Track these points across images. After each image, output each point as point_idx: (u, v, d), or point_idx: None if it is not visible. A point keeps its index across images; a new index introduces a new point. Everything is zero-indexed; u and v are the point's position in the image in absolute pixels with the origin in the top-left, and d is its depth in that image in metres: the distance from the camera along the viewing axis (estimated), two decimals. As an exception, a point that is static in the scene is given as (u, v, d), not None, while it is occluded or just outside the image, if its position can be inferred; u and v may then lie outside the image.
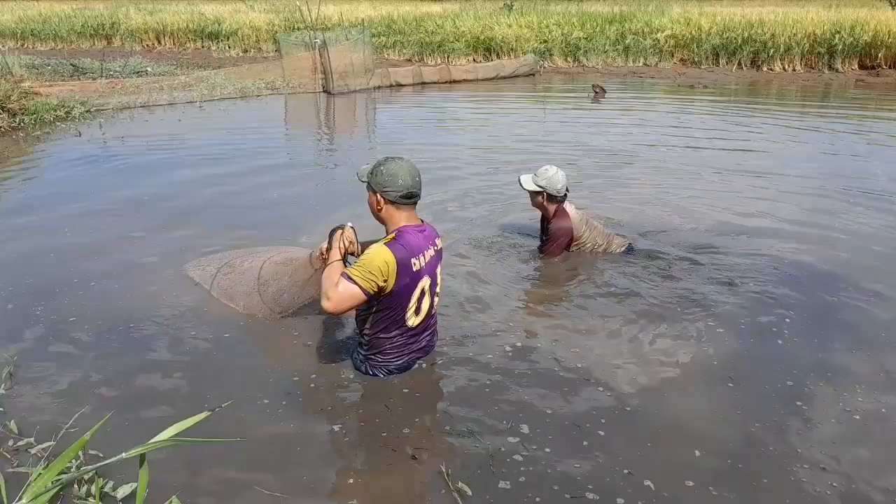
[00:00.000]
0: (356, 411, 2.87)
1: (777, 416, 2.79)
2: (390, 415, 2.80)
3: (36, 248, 4.70)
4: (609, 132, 9.14)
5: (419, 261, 2.81)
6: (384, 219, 2.90)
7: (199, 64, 17.89)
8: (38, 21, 24.45)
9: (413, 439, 2.65)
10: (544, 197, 4.33)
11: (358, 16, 22.07)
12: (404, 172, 2.81)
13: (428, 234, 2.94)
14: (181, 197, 6.06)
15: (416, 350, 3.04)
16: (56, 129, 9.26)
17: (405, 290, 2.81)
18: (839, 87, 14.50)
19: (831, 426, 2.74)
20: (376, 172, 2.84)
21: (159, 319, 3.63)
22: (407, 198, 2.83)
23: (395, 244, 2.77)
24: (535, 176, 4.33)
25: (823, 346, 3.37)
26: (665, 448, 2.60)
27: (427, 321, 3.03)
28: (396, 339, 2.95)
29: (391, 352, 2.97)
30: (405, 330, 2.94)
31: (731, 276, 4.18)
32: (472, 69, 15.95)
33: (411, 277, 2.80)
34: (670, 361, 3.22)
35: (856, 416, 2.80)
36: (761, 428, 2.71)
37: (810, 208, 5.62)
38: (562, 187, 4.29)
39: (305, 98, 12.94)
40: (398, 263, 2.72)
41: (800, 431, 2.69)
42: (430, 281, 2.92)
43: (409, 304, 2.87)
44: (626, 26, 19.00)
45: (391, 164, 2.84)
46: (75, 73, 15.18)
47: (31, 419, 2.73)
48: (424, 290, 2.91)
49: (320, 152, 8.65)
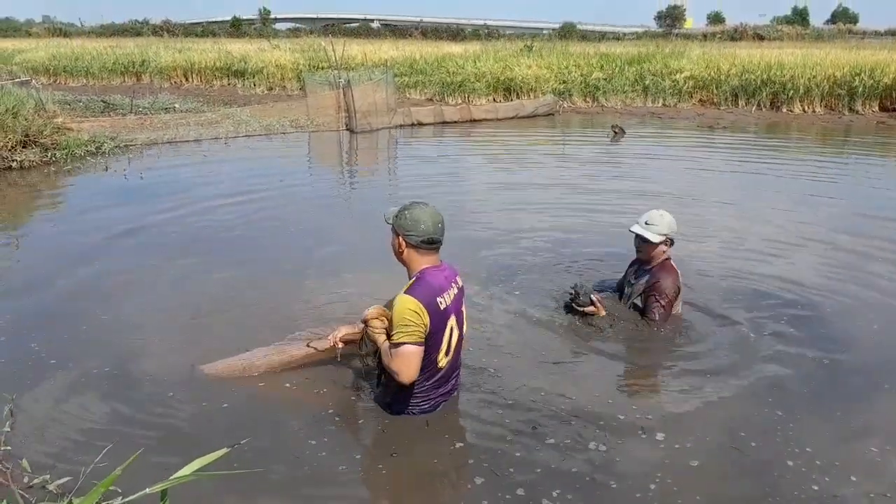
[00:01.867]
0: (376, 445, 2.89)
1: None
2: (412, 451, 2.82)
3: (47, 281, 4.82)
4: (626, 173, 9.20)
5: (444, 299, 2.84)
6: (405, 261, 2.94)
7: (225, 101, 18.32)
8: (70, 58, 25.31)
9: (434, 476, 2.67)
10: (668, 244, 3.98)
11: (381, 56, 22.55)
12: (427, 218, 2.85)
13: (448, 273, 2.97)
14: (201, 231, 6.18)
15: (442, 394, 3.06)
16: (86, 163, 9.51)
17: (437, 330, 2.84)
18: (860, 129, 14.48)
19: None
20: (401, 216, 2.89)
21: (173, 357, 3.67)
22: (428, 243, 2.87)
23: (414, 289, 2.80)
24: (649, 225, 3.94)
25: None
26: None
27: (454, 362, 3.06)
28: (429, 380, 2.95)
29: (419, 395, 2.98)
30: (435, 372, 2.95)
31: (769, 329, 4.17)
32: (492, 109, 16.15)
33: (440, 317, 2.83)
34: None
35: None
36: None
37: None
38: (676, 228, 4.00)
39: (329, 136, 13.17)
40: (425, 305, 2.75)
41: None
42: (456, 320, 2.95)
43: (442, 344, 2.89)
44: (645, 67, 19.19)
45: (415, 209, 2.88)
46: (106, 110, 15.61)
47: (42, 457, 2.75)
48: (453, 329, 2.93)
49: (342, 188, 8.79)
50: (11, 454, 2.76)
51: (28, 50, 28.53)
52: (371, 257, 4.88)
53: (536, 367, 3.59)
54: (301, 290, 4.66)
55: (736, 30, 45.20)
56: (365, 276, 4.82)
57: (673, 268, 3.98)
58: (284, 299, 4.50)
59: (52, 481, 2.56)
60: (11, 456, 2.75)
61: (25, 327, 4.03)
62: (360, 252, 5.41)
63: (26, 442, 2.88)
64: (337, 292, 4.58)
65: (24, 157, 9.17)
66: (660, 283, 3.92)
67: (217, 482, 2.52)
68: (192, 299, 4.51)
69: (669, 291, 3.91)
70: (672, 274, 3.95)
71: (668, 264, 3.99)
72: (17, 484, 2.55)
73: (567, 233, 6.10)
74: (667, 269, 3.97)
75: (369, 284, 4.57)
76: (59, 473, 2.60)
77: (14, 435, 2.92)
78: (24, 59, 25.93)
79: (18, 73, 20.36)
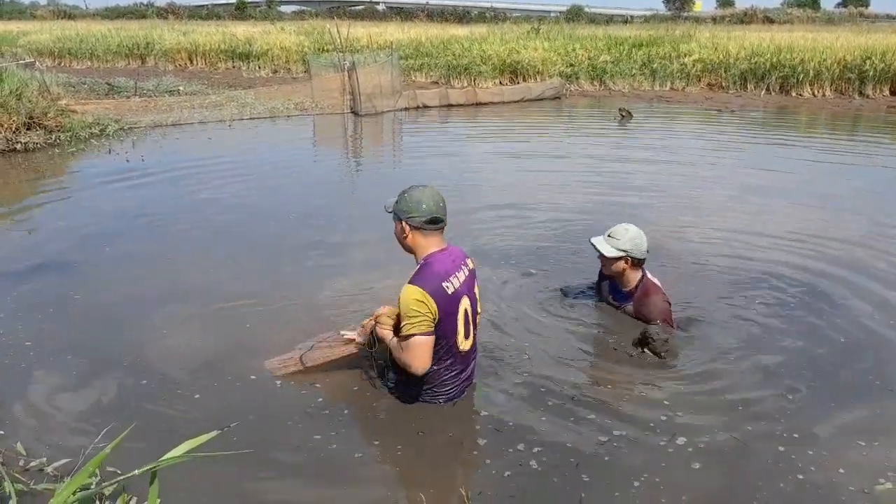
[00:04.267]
0: (398, 432, 2.88)
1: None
2: (424, 438, 2.82)
3: (47, 264, 4.81)
4: (636, 158, 9.12)
5: (451, 283, 2.80)
6: (411, 247, 2.90)
7: (229, 83, 18.23)
8: (75, 40, 25.20)
9: (443, 463, 2.66)
10: (628, 262, 3.76)
11: (386, 39, 22.39)
12: (427, 198, 2.83)
13: (456, 256, 2.93)
14: (202, 216, 6.15)
15: (465, 379, 3.03)
16: (90, 146, 9.49)
17: (448, 314, 2.80)
18: (871, 112, 14.32)
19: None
20: (400, 200, 2.86)
21: (176, 343, 3.65)
22: (432, 223, 2.83)
23: (417, 278, 2.77)
24: (610, 238, 3.76)
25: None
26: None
27: (474, 344, 3.03)
28: (453, 366, 2.93)
29: (448, 382, 2.95)
30: (458, 357, 2.92)
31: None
32: (498, 92, 16.04)
33: (450, 301, 2.79)
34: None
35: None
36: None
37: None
38: (646, 247, 3.76)
39: (333, 119, 13.10)
40: (430, 293, 2.72)
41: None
42: (469, 301, 2.91)
43: (458, 328, 2.86)
44: (653, 51, 19.02)
45: (415, 191, 2.86)
46: (110, 92, 15.57)
47: (37, 441, 2.74)
48: (468, 311, 2.90)
49: (347, 172, 8.75)
50: (5, 438, 2.75)
51: (32, 32, 28.42)
52: (379, 246, 4.87)
53: (550, 355, 3.53)
54: (309, 277, 4.62)
55: (746, 13, 44.64)
56: (375, 258, 4.81)
57: (654, 287, 3.75)
58: (289, 287, 4.47)
59: (50, 463, 2.55)
60: (4, 440, 2.74)
61: (23, 311, 4.01)
62: (368, 238, 5.35)
63: (23, 427, 2.86)
64: (350, 279, 4.52)
65: (28, 139, 9.14)
66: (651, 311, 3.67)
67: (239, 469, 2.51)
68: (198, 284, 4.47)
69: (664, 310, 3.67)
70: (657, 294, 3.72)
71: (650, 285, 3.76)
72: (13, 468, 2.54)
73: (577, 214, 6.09)
74: (651, 293, 3.73)
75: (379, 267, 4.56)
76: (59, 456, 2.58)
77: (10, 421, 2.90)
78: (29, 41, 25.83)
79: (23, 55, 20.29)
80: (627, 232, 3.73)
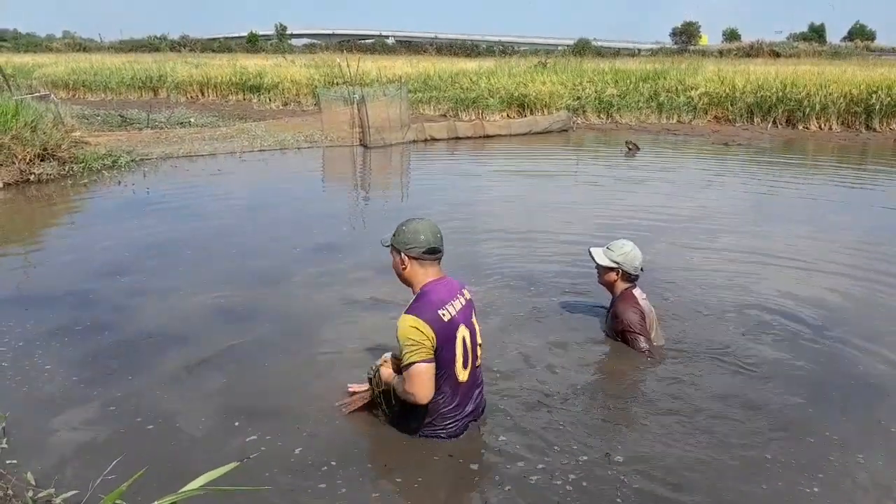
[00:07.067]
0: (398, 469, 2.86)
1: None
2: (431, 474, 2.80)
3: (58, 294, 4.85)
4: (642, 189, 9.15)
5: (447, 311, 2.84)
6: (409, 278, 2.95)
7: (240, 115, 18.47)
8: (89, 73, 25.68)
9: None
10: (619, 274, 4.00)
11: (395, 72, 22.68)
12: (425, 229, 2.90)
13: (453, 286, 2.98)
14: (209, 245, 6.20)
15: (468, 413, 3.02)
16: (102, 177, 9.59)
17: (446, 341, 2.83)
18: (877, 146, 14.34)
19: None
20: (398, 233, 2.94)
21: (184, 374, 3.68)
22: (430, 253, 2.90)
23: (413, 308, 2.82)
24: (608, 250, 4.02)
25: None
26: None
27: (474, 375, 3.03)
28: (452, 398, 2.93)
29: (448, 415, 2.95)
30: (457, 387, 2.93)
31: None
32: (505, 125, 16.17)
33: (447, 327, 2.82)
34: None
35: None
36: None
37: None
38: (639, 265, 3.99)
39: (343, 151, 13.22)
40: (426, 321, 2.76)
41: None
42: (468, 331, 2.94)
43: (456, 356, 2.88)
44: (659, 84, 19.17)
45: (412, 223, 2.94)
46: (123, 124, 15.80)
47: (48, 470, 2.74)
48: (466, 340, 2.92)
49: (354, 204, 8.81)
50: (16, 468, 2.75)
51: (48, 64, 28.98)
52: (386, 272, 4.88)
53: (556, 385, 3.54)
54: (325, 319, 4.61)
55: (752, 46, 45.01)
56: (378, 289, 4.83)
57: (630, 296, 3.98)
58: (293, 320, 4.49)
59: (59, 495, 2.55)
60: (16, 470, 2.73)
61: (41, 340, 4.04)
62: (377, 267, 5.37)
63: (32, 456, 2.87)
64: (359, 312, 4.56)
65: (42, 170, 9.26)
66: (620, 319, 3.94)
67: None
68: (206, 314, 4.52)
69: (632, 321, 3.88)
70: (629, 302, 3.95)
71: (627, 294, 4.00)
72: (20, 499, 2.54)
73: (584, 245, 6.05)
74: (624, 301, 3.98)
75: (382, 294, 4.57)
76: (67, 487, 2.58)
77: (19, 449, 2.91)
78: (44, 73, 26.31)
79: (38, 87, 20.64)
80: (623, 247, 3.99)
